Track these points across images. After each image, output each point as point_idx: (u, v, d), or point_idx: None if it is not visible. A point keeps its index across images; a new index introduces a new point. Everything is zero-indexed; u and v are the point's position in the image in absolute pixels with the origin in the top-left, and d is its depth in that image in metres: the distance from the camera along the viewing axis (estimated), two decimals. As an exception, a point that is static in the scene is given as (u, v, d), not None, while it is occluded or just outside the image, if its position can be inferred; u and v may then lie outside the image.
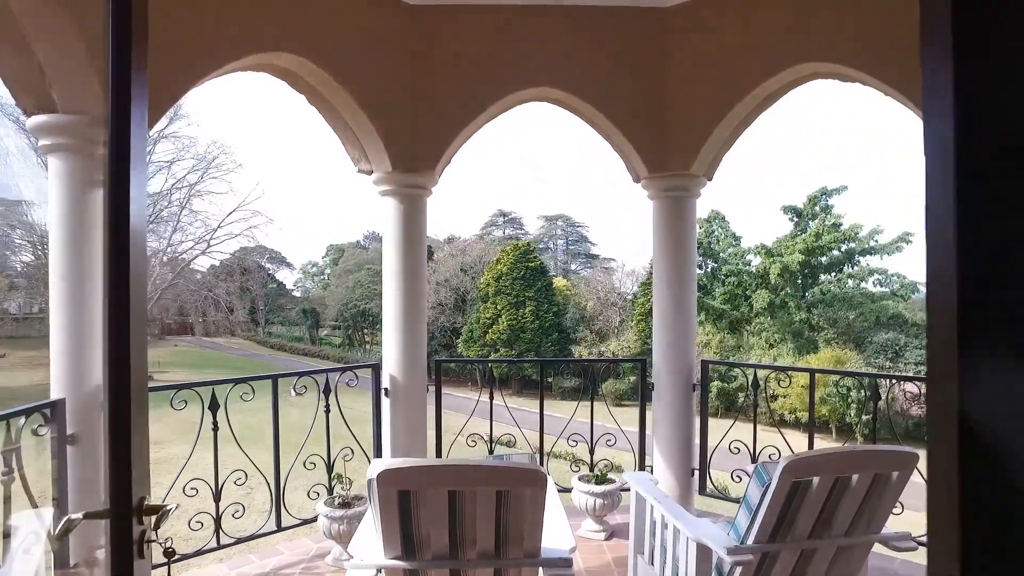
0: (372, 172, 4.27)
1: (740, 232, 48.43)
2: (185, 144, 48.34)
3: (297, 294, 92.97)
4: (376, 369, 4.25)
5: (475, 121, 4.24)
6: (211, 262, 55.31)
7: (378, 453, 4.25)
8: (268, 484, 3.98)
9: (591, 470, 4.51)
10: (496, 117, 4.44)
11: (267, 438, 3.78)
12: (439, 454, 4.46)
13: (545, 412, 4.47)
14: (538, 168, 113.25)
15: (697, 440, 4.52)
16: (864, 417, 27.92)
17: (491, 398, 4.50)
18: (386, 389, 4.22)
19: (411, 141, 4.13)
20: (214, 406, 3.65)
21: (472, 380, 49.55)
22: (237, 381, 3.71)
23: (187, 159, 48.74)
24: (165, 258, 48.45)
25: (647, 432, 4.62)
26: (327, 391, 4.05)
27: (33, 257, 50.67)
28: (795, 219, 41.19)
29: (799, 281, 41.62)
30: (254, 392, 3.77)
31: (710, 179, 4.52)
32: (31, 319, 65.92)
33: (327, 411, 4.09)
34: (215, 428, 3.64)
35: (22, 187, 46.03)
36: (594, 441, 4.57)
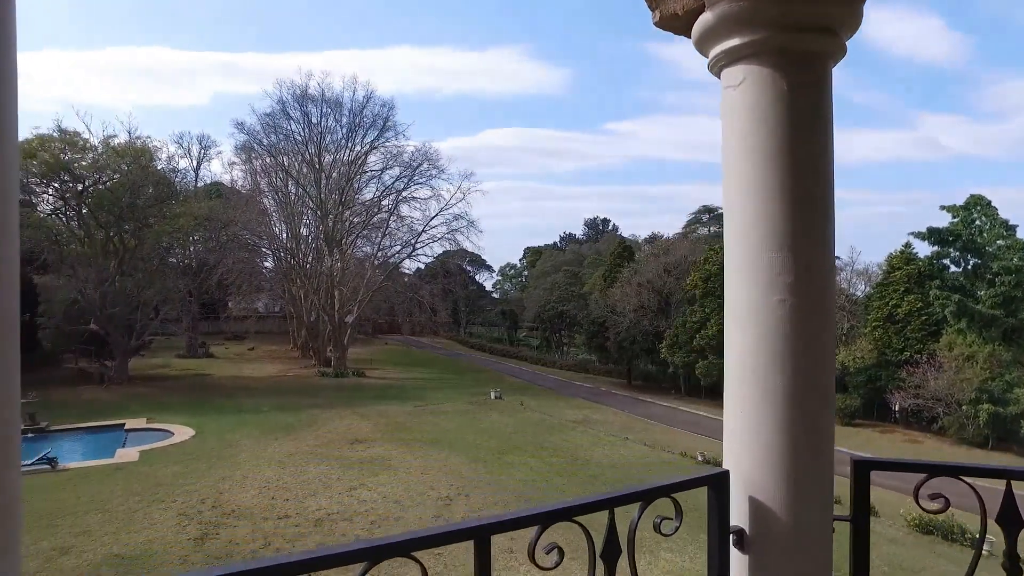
0: (701, 12, 1.80)
1: (1014, 219, 39.28)
2: (393, 153, 50.55)
3: (496, 296, 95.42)
4: (718, 485, 1.72)
5: None
6: (417, 265, 57.72)
7: None
8: None
9: None
10: None
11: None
12: None
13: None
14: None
15: None
16: None
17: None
18: (738, 533, 1.73)
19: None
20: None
21: (676, 387, 46.10)
22: None
23: (394, 167, 50.93)
24: (376, 262, 51.07)
25: None
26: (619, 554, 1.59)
27: (273, 263, 56.57)
28: (1097, 201, 32.53)
29: (1104, 280, 33.23)
30: None
31: None
32: (273, 317, 74.59)
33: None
34: None
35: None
36: None
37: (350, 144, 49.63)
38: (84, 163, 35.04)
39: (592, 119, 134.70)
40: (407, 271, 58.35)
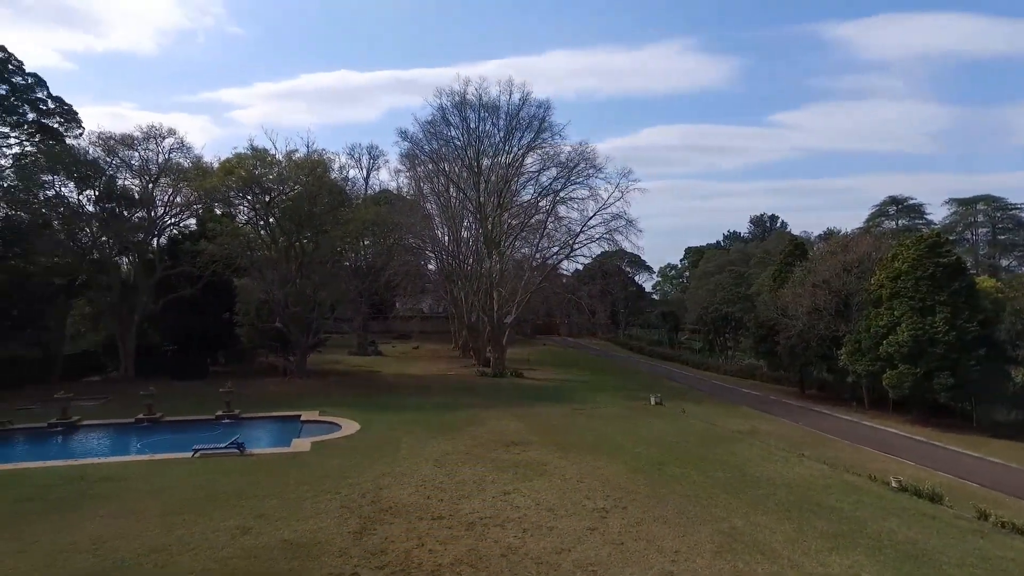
0: None
1: None
2: (549, 155, 50.52)
3: (655, 297, 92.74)
4: None
5: None
6: (575, 266, 57.27)
7: None
8: None
9: None
10: None
11: None
12: None
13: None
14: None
15: None
16: None
17: None
18: None
19: None
20: None
21: (857, 399, 41.41)
22: None
23: (551, 168, 50.89)
24: (534, 263, 51.28)
25: None
26: None
27: (436, 265, 59.02)
28: None
29: None
30: None
31: None
32: (436, 317, 77.98)
33: None
34: None
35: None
36: None
37: (507, 147, 50.35)
38: (271, 176, 38.63)
39: (758, 111, 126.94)
40: (565, 272, 58.16)
